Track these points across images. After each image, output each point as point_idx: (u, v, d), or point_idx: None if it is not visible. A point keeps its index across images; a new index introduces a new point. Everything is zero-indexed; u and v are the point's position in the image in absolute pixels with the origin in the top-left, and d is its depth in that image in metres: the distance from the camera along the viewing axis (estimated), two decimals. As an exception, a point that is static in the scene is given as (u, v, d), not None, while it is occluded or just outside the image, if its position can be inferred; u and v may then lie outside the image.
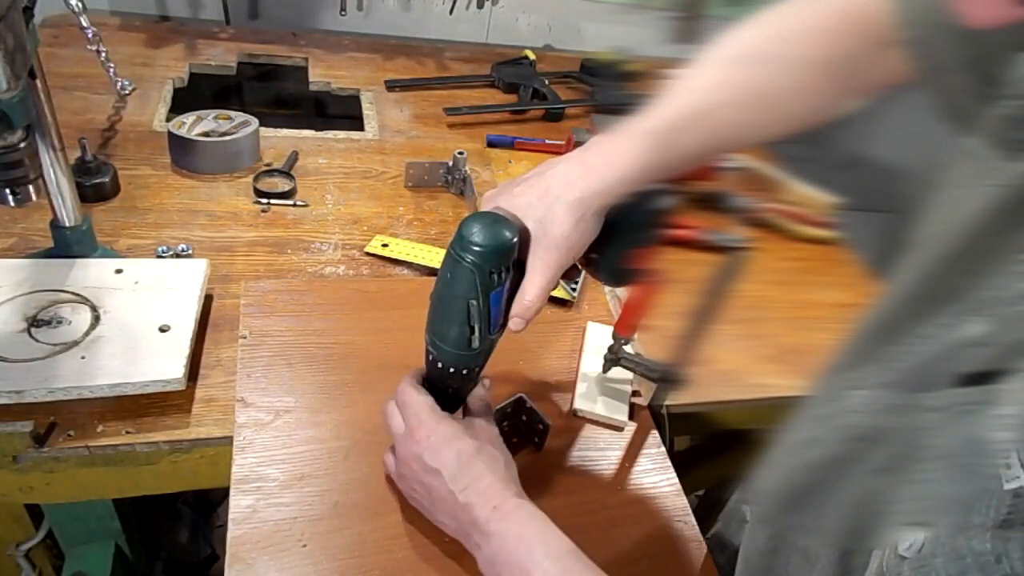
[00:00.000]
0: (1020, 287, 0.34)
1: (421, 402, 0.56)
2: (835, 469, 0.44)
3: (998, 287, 0.36)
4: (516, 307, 0.52)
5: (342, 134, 1.11)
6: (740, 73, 0.52)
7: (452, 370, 0.55)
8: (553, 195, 0.50)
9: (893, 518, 0.37)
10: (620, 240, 0.54)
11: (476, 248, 0.48)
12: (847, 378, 0.45)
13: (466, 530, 0.53)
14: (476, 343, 0.53)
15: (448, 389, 0.58)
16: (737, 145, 0.56)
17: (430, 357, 0.56)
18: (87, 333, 0.67)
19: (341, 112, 1.33)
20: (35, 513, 0.80)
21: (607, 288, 0.89)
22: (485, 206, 0.53)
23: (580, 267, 0.56)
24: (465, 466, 0.53)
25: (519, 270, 0.51)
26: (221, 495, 1.29)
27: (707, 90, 0.52)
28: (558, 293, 0.86)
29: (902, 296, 0.44)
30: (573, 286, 0.87)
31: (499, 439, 0.58)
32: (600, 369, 0.74)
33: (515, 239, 0.49)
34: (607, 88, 1.34)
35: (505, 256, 0.49)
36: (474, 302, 0.50)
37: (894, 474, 0.38)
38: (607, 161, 0.50)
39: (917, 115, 0.56)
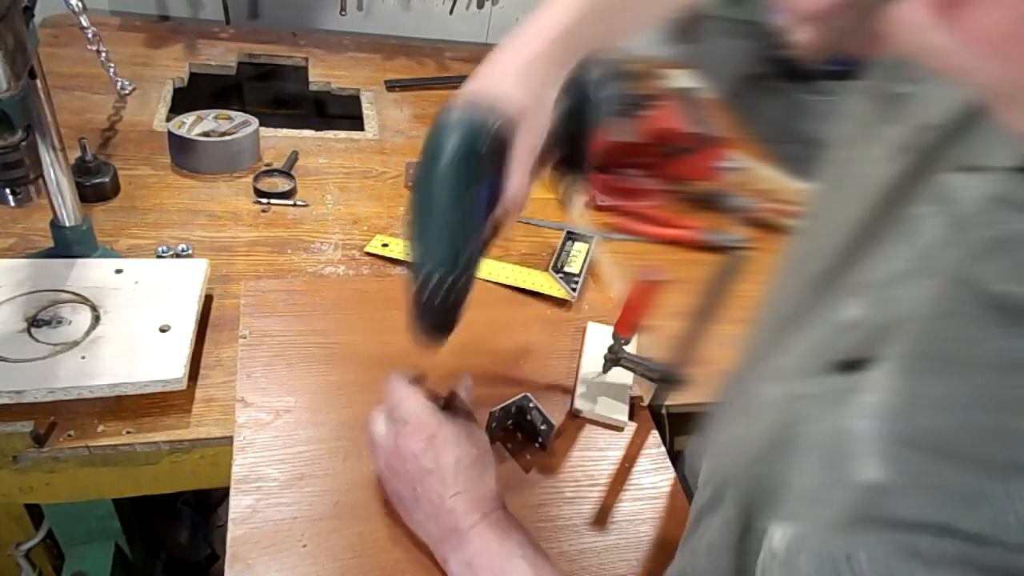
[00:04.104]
0: (890, 267, 0.33)
1: (419, 401, 0.56)
2: (762, 463, 0.43)
3: (872, 268, 0.35)
4: (508, 197, 0.49)
5: (342, 134, 1.11)
6: None
7: (450, 283, 0.49)
8: (496, 78, 0.48)
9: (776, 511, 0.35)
10: (579, 121, 0.53)
11: (457, 133, 0.44)
12: (760, 369, 0.44)
13: (444, 534, 0.53)
14: (470, 242, 0.48)
15: (441, 311, 0.52)
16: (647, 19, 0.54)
17: (421, 276, 0.49)
18: (87, 333, 0.67)
19: (341, 112, 1.33)
20: (35, 513, 0.80)
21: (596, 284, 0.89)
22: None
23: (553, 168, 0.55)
24: (459, 473, 0.53)
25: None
26: (221, 495, 1.29)
27: None
28: (558, 293, 0.86)
29: (800, 276, 0.42)
30: (573, 286, 0.87)
31: (491, 450, 0.58)
32: (600, 369, 0.74)
33: (496, 122, 0.45)
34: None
35: (487, 137, 0.45)
36: (467, 193, 0.46)
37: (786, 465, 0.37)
38: (533, 35, 0.48)
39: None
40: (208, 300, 0.77)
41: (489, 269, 0.87)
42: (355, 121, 1.20)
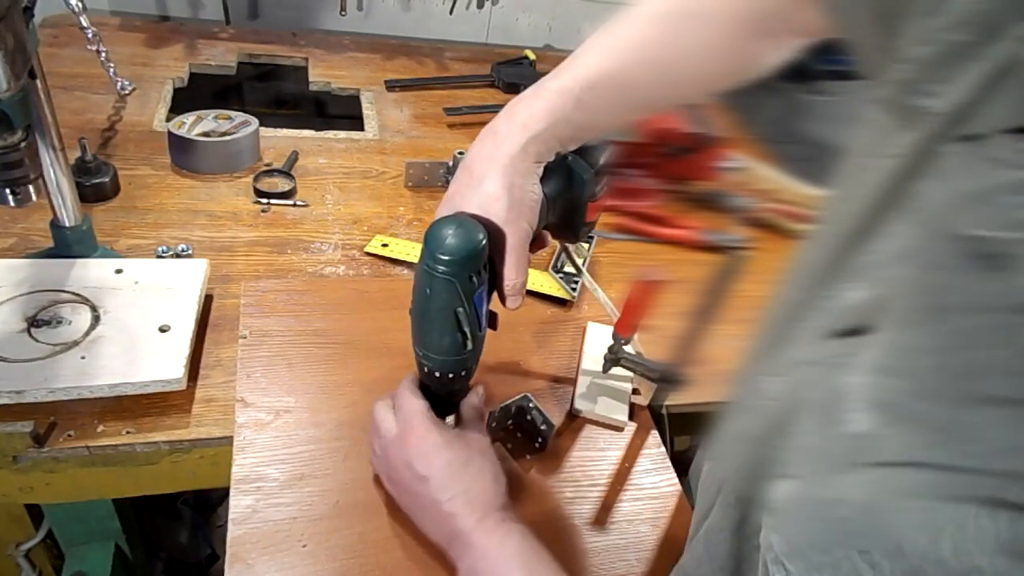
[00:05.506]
0: (891, 247, 0.33)
1: (416, 407, 0.56)
2: (761, 445, 0.43)
3: (872, 250, 0.35)
4: (506, 290, 0.52)
5: (342, 134, 1.11)
6: (659, 31, 0.51)
7: (451, 375, 0.55)
8: (477, 177, 0.50)
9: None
10: (571, 197, 0.55)
11: (449, 258, 0.47)
12: (763, 365, 0.45)
13: (449, 540, 0.53)
14: (470, 345, 0.53)
15: (444, 393, 0.58)
16: (652, 105, 0.55)
17: (425, 369, 0.56)
18: (87, 333, 0.67)
19: (341, 112, 1.33)
20: (35, 513, 0.80)
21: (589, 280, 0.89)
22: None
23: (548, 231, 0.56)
24: (453, 476, 0.53)
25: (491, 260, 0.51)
26: (221, 495, 1.29)
27: (625, 49, 0.51)
28: (558, 293, 0.86)
29: (802, 274, 0.42)
30: (573, 286, 0.87)
31: (491, 450, 0.58)
32: (600, 369, 0.74)
33: (484, 239, 0.48)
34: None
35: (479, 257, 0.49)
36: (461, 309, 0.50)
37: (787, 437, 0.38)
38: (519, 123, 0.50)
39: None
40: (208, 300, 0.77)
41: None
42: (355, 121, 1.20)
